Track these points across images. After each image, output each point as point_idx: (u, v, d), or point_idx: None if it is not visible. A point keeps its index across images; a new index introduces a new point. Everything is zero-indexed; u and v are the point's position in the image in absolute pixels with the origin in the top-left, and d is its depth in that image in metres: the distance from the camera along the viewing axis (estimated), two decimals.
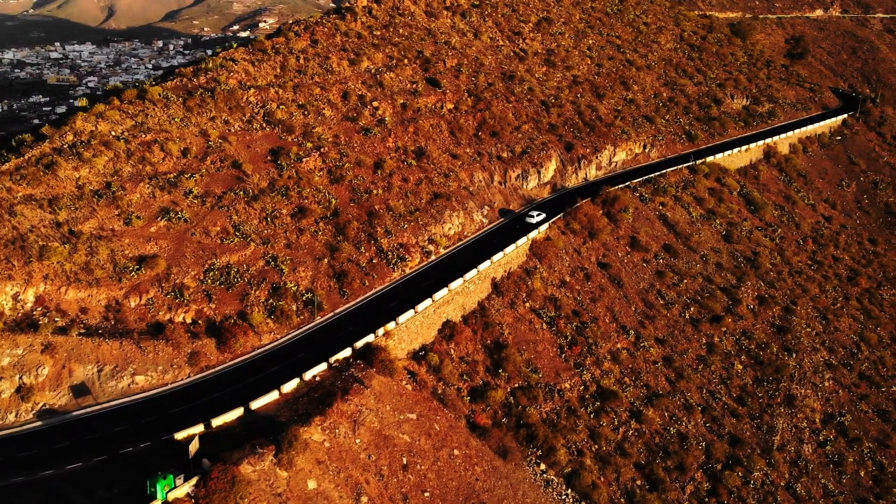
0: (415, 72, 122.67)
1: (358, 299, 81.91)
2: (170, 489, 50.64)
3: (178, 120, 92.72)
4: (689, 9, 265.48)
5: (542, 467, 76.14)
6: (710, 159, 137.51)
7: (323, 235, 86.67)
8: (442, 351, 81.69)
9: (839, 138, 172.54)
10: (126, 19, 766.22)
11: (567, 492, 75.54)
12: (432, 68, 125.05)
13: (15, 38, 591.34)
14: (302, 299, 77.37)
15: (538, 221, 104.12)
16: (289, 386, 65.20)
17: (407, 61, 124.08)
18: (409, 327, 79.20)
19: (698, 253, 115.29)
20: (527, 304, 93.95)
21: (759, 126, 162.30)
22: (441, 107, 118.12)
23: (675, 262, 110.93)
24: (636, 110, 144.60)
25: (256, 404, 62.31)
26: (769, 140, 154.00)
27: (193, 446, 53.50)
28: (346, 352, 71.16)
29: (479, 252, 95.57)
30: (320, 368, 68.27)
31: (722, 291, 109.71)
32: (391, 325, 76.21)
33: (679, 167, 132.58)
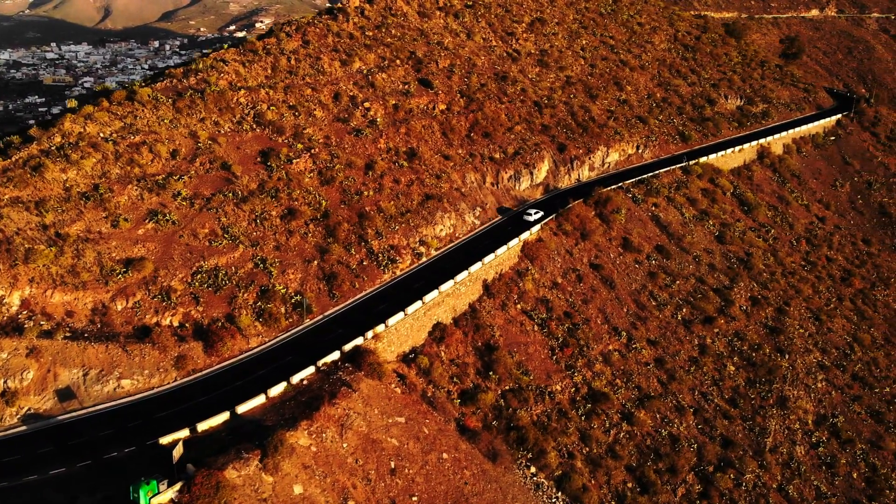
0: (407, 72, 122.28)
1: (348, 301, 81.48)
2: (153, 495, 50.21)
3: (168, 121, 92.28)
4: (685, 9, 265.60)
5: (533, 470, 75.76)
6: (704, 160, 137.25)
7: (313, 237, 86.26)
8: (432, 353, 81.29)
9: (833, 138, 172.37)
10: (122, 19, 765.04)
11: (557, 495, 75.18)
12: (425, 69, 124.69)
13: (11, 39, 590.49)
14: (291, 302, 76.94)
15: (536, 219, 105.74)
16: (276, 390, 64.76)
17: (399, 62, 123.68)
18: (399, 330, 78.79)
19: (691, 254, 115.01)
20: (518, 306, 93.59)
21: (753, 126, 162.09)
22: (433, 108, 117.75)
23: (668, 264, 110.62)
24: (629, 111, 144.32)
25: (243, 408, 61.87)
26: (763, 140, 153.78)
27: (177, 451, 53.03)
28: (335, 355, 70.73)
29: (471, 254, 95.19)
30: (308, 372, 67.84)
31: (714, 292, 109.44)
32: (380, 328, 75.80)
33: (672, 168, 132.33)
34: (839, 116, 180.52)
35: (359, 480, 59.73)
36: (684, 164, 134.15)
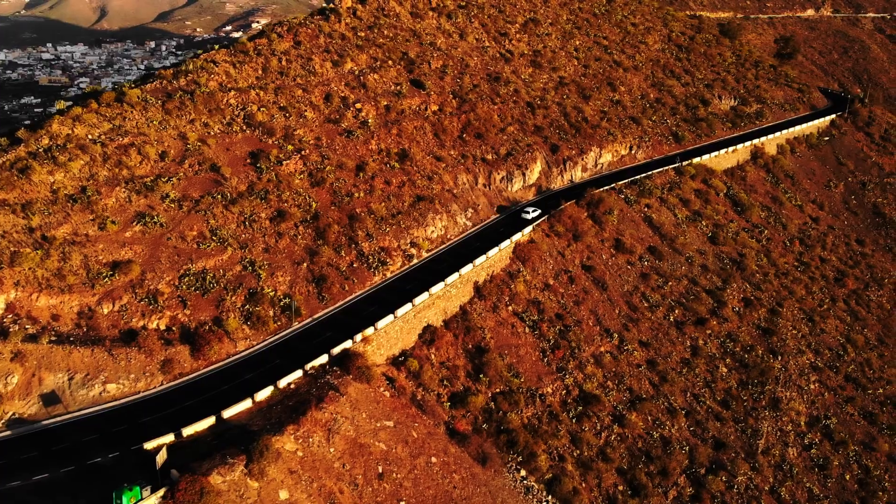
0: (399, 73, 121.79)
1: (337, 304, 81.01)
2: (136, 501, 49.73)
3: (157, 123, 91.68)
4: (680, 9, 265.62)
5: (523, 473, 75.36)
6: (697, 160, 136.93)
7: (302, 239, 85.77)
8: (422, 356, 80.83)
9: (827, 139, 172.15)
10: (118, 20, 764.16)
11: (548, 498, 74.78)
12: (417, 70, 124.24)
13: (7, 40, 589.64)
14: (279, 305, 76.45)
15: (534, 217, 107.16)
16: (262, 394, 64.27)
17: (391, 63, 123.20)
18: (389, 332, 78.33)
19: (683, 255, 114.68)
20: (509, 308, 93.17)
21: (747, 127, 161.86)
22: (425, 108, 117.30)
23: (660, 265, 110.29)
24: (622, 111, 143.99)
25: (229, 413, 61.37)
26: (757, 141, 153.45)
27: (161, 457, 52.62)
28: (323, 358, 70.20)
29: (462, 255, 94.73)
30: (295, 376, 67.32)
31: (707, 294, 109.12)
32: (370, 331, 75.29)
33: (665, 169, 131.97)
34: (833, 117, 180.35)
35: (346, 485, 59.29)
36: (677, 165, 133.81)
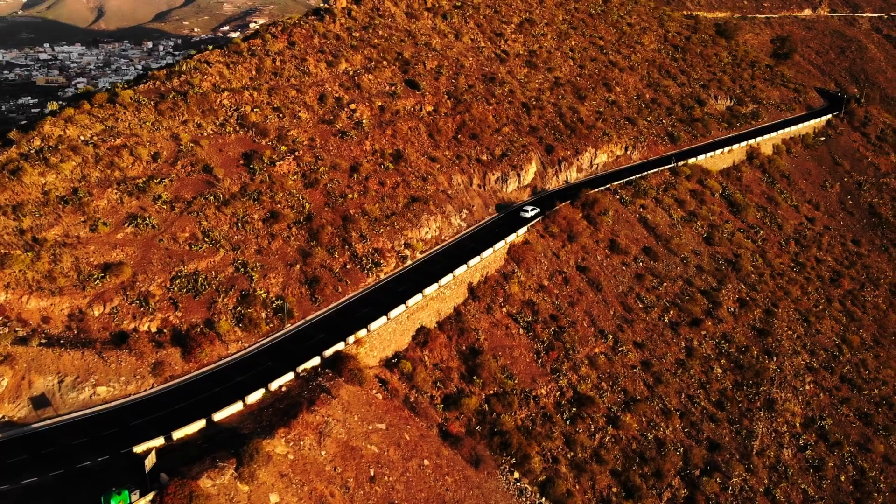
0: (394, 74, 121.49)
1: (330, 306, 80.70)
2: None
3: (150, 124, 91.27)
4: (677, 9, 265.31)
5: (516, 476, 75.08)
6: (693, 161, 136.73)
7: (295, 241, 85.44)
8: (415, 358, 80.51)
9: (823, 139, 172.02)
10: (116, 20, 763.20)
11: (541, 500, 74.56)
12: (412, 70, 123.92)
13: (4, 40, 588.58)
14: (272, 307, 76.13)
15: (532, 216, 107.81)
16: (254, 397, 63.94)
17: (386, 63, 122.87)
18: (382, 334, 78.02)
19: (679, 255, 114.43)
20: (504, 309, 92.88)
21: (743, 127, 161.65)
22: (420, 109, 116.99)
23: (655, 265, 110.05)
24: (618, 112, 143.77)
25: (219, 416, 61.02)
26: (752, 141, 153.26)
27: (150, 461, 52.29)
28: (315, 361, 69.91)
29: (457, 256, 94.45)
30: (287, 378, 67.02)
31: (702, 294, 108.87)
32: (362, 333, 74.96)
33: (660, 169, 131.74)
34: (829, 117, 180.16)
35: (337, 488, 59.01)
36: (673, 166, 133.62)
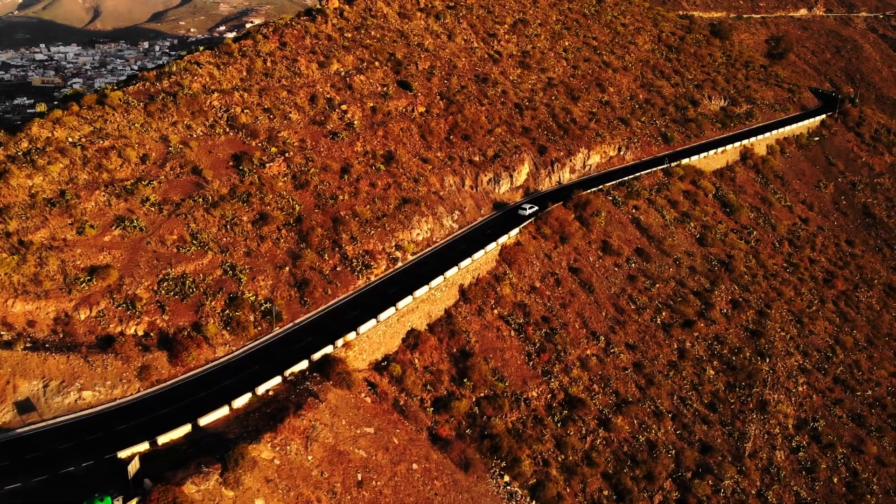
0: (386, 74, 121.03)
1: (319, 308, 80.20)
2: None
3: (139, 125, 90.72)
4: (673, 9, 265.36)
5: (506, 479, 74.64)
6: (686, 161, 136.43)
7: (285, 243, 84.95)
8: (405, 361, 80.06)
9: (817, 139, 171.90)
10: (112, 20, 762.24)
11: None
12: (404, 71, 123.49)
13: (0, 40, 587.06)
14: (260, 309, 75.62)
15: (530, 214, 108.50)
16: (240, 401, 63.41)
17: (378, 64, 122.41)
18: (371, 337, 77.52)
19: (671, 257, 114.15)
20: (495, 311, 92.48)
21: (737, 127, 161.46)
22: (412, 110, 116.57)
23: (648, 267, 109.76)
24: (611, 112, 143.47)
25: (205, 420, 60.49)
26: (746, 141, 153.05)
27: (133, 466, 51.80)
28: (303, 364, 69.35)
29: (448, 258, 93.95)
30: (274, 382, 66.49)
31: (695, 295, 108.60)
32: (351, 336, 74.43)
33: (654, 170, 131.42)
34: (823, 117, 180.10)
35: (324, 494, 58.52)
36: (666, 166, 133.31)
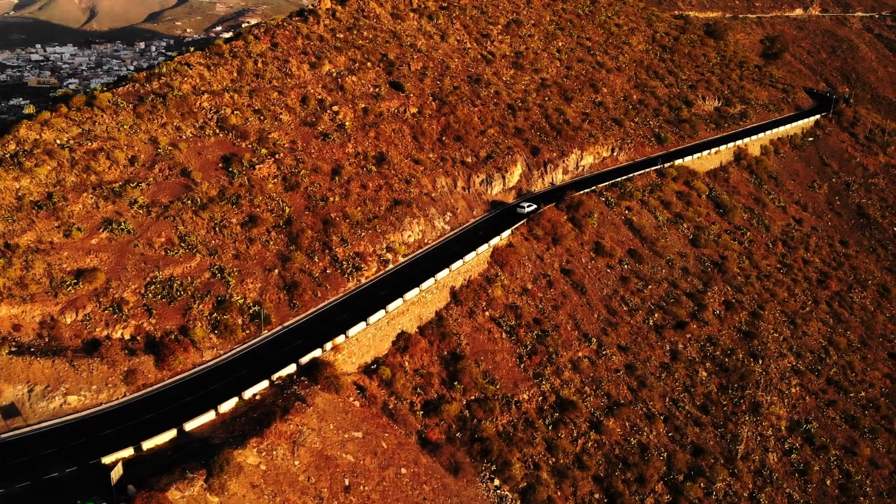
0: (378, 75, 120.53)
1: (309, 311, 79.68)
2: None
3: (128, 127, 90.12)
4: (669, 9, 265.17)
5: (496, 483, 74.26)
6: (679, 162, 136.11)
7: (275, 245, 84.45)
8: (395, 364, 79.59)
9: (811, 139, 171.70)
10: (108, 21, 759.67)
11: None
12: (396, 71, 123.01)
13: None
14: (248, 313, 75.09)
15: (529, 212, 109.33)
16: (227, 405, 62.93)
17: (370, 64, 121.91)
18: (361, 340, 77.05)
19: (664, 258, 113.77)
20: (486, 313, 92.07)
21: (731, 128, 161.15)
22: (404, 111, 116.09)
23: (640, 268, 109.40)
24: (605, 113, 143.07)
25: (191, 425, 60.01)
26: (740, 142, 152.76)
27: (116, 473, 51.29)
28: (291, 368, 68.88)
29: (440, 260, 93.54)
30: (261, 386, 65.98)
31: (687, 297, 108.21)
32: (340, 339, 73.95)
33: (647, 171, 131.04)
34: (818, 117, 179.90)
35: (310, 499, 58.07)
36: (659, 167, 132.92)
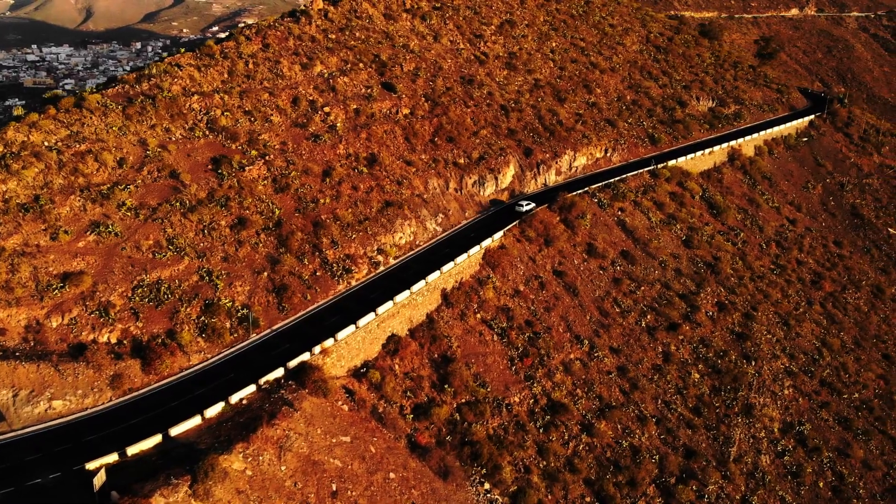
0: (370, 76, 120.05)
1: (298, 314, 79.16)
2: None
3: (117, 129, 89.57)
4: (665, 9, 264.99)
5: (486, 487, 73.78)
6: (673, 163, 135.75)
7: (264, 247, 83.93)
8: (385, 367, 79.12)
9: (805, 139, 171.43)
10: (104, 21, 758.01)
11: None
12: (388, 72, 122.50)
13: None
14: (237, 316, 74.58)
15: (527, 210, 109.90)
16: (213, 410, 62.40)
17: (362, 65, 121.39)
18: (350, 343, 76.61)
19: (657, 259, 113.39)
20: (478, 316, 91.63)
21: (725, 128, 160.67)
22: (396, 112, 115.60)
23: (633, 269, 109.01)
24: (598, 114, 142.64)
25: (176, 431, 59.50)
26: (734, 142, 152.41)
27: (99, 479, 50.83)
28: (278, 372, 68.41)
29: (431, 262, 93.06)
30: (248, 391, 65.51)
31: (680, 298, 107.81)
32: (329, 342, 73.50)
33: (640, 172, 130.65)
34: (812, 117, 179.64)
35: None
36: (652, 168, 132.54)
